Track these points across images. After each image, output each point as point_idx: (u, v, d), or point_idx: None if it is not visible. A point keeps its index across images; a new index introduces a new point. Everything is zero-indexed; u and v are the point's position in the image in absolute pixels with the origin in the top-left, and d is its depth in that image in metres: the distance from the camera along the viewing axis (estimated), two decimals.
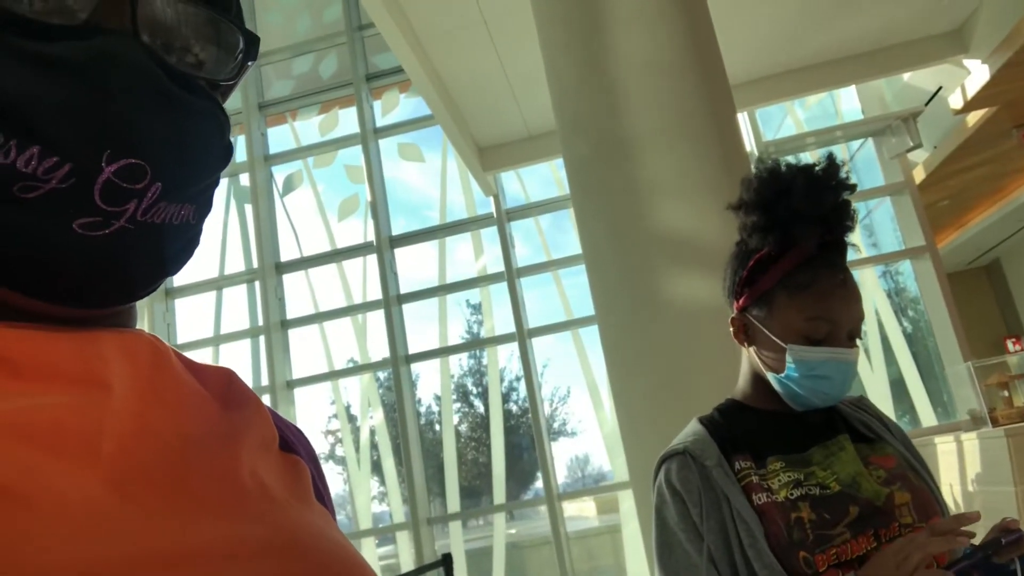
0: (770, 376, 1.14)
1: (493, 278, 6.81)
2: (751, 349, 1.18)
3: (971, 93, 5.33)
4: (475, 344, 7.08)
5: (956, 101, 5.56)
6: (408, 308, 6.83)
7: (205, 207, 0.45)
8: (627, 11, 2.88)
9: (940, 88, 6.13)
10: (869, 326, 6.43)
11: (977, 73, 5.27)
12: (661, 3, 2.91)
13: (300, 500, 0.46)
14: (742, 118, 6.44)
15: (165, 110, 0.40)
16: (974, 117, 5.88)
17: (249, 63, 0.48)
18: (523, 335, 6.52)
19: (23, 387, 0.36)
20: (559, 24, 3.08)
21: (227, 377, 0.49)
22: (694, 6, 3.01)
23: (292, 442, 0.52)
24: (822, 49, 5.72)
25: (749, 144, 6.44)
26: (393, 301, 6.67)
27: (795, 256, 1.12)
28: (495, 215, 6.73)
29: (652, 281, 2.66)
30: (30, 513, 0.32)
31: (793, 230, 1.11)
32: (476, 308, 7.25)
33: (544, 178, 7.12)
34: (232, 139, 0.47)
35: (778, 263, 1.14)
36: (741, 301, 1.19)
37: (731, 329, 1.21)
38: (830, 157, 1.12)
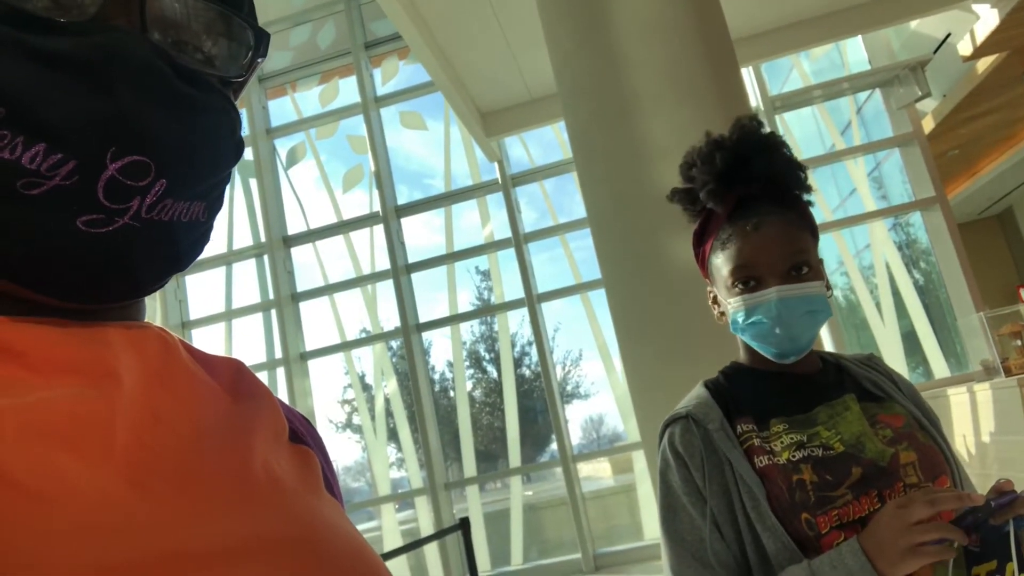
0: (739, 336, 1.17)
1: (500, 244, 6.81)
2: (726, 318, 1.20)
3: (980, 39, 5.22)
4: (485, 311, 7.10)
5: (965, 48, 5.46)
6: (417, 277, 6.84)
7: (216, 203, 0.45)
8: None
9: (948, 35, 6.01)
10: (879, 279, 6.40)
11: (986, 18, 5.16)
12: None
13: (311, 491, 0.46)
14: (747, 73, 6.35)
15: (172, 107, 0.39)
16: (984, 64, 5.77)
17: (259, 60, 0.47)
18: (532, 300, 6.53)
19: (36, 380, 0.36)
20: None
21: (236, 368, 0.49)
22: None
23: (301, 433, 0.53)
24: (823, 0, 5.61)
25: (755, 99, 6.36)
26: (402, 271, 6.69)
27: (718, 220, 1.17)
28: (500, 181, 6.70)
29: (657, 244, 2.65)
30: (46, 509, 0.32)
31: (700, 197, 1.17)
32: (485, 275, 7.26)
33: (548, 141, 7.07)
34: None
35: (707, 231, 1.20)
36: (704, 275, 1.24)
37: (709, 302, 1.25)
38: (738, 119, 1.16)
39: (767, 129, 1.16)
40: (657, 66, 2.77)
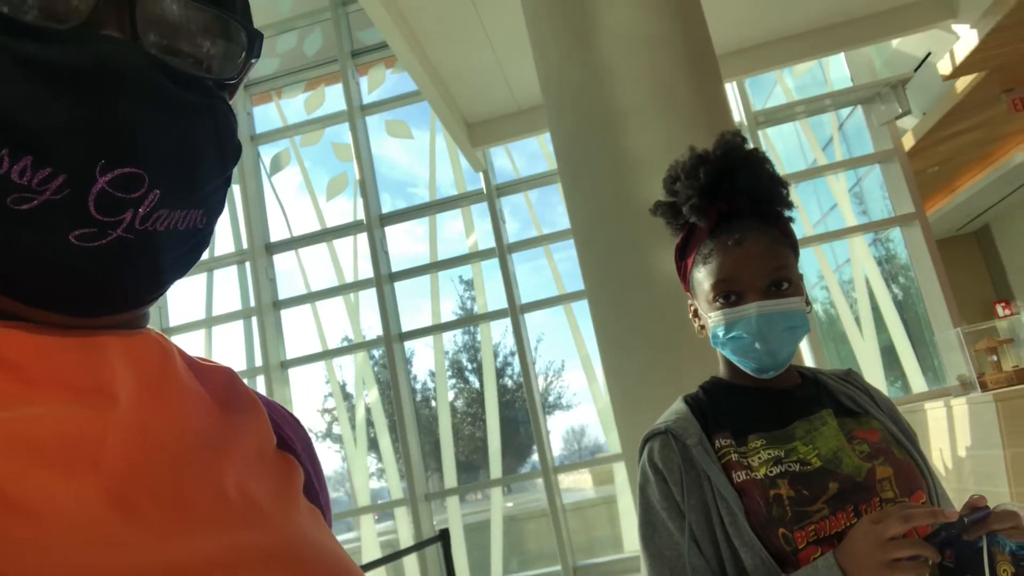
0: (719, 351, 1.18)
1: (484, 254, 6.80)
2: (706, 332, 1.21)
3: (960, 58, 5.30)
4: (468, 320, 7.09)
5: (945, 67, 5.54)
6: (400, 286, 6.82)
7: (216, 208, 0.45)
8: None
9: (929, 54, 6.10)
10: (859, 294, 6.46)
11: (966, 38, 5.24)
12: None
13: (290, 504, 0.46)
14: (731, 88, 6.40)
15: (165, 116, 0.39)
16: (963, 82, 5.86)
17: (253, 60, 0.47)
18: (515, 310, 6.52)
19: (28, 394, 0.36)
20: None
21: (228, 378, 0.49)
22: None
23: (289, 439, 0.52)
24: (811, 16, 5.68)
25: (739, 114, 6.41)
26: (385, 279, 6.66)
27: (700, 234, 1.18)
28: (485, 191, 6.70)
29: (640, 256, 2.66)
30: (28, 523, 0.32)
31: (683, 211, 1.18)
32: (468, 284, 7.25)
33: (533, 152, 7.09)
34: None
35: (689, 245, 1.22)
36: (686, 290, 1.25)
37: (690, 315, 1.26)
38: (722, 134, 1.18)
39: (751, 145, 1.18)
40: (642, 79, 2.79)
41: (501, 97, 5.93)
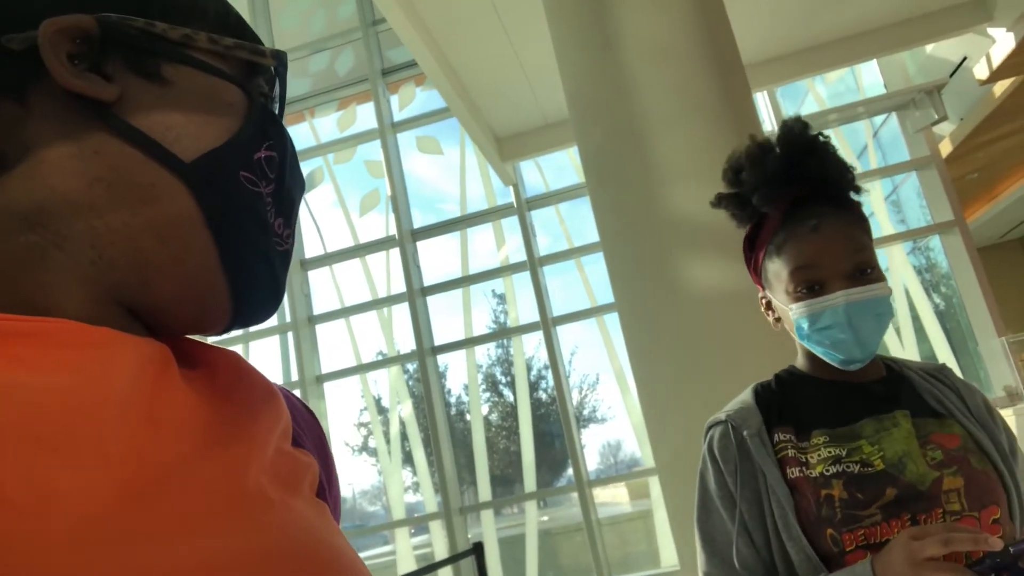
0: (803, 343, 1.13)
1: (515, 268, 6.82)
2: (782, 324, 1.17)
3: (997, 62, 5.21)
4: (501, 334, 7.10)
5: (982, 71, 5.44)
6: (433, 300, 6.86)
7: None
8: None
9: (965, 59, 5.99)
10: (899, 304, 6.34)
11: (1002, 41, 5.15)
12: None
13: (302, 498, 0.46)
14: (762, 97, 6.36)
15: None
16: (1001, 87, 5.75)
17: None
18: (547, 323, 6.52)
19: (34, 381, 0.36)
20: (568, 10, 3.06)
21: (235, 364, 0.49)
22: None
23: (298, 434, 0.53)
24: (840, 24, 5.62)
25: (770, 123, 6.36)
26: (417, 293, 6.71)
27: (771, 223, 1.14)
28: (515, 205, 6.73)
29: (669, 268, 2.65)
30: (34, 518, 0.32)
31: (753, 200, 1.13)
32: (501, 298, 7.27)
33: (562, 165, 7.10)
34: None
35: (760, 236, 1.16)
36: (756, 282, 1.21)
37: (762, 309, 1.21)
38: (784, 122, 1.13)
39: (814, 130, 1.13)
40: (669, 90, 2.79)
41: (529, 111, 5.96)
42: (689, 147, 2.72)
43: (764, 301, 1.19)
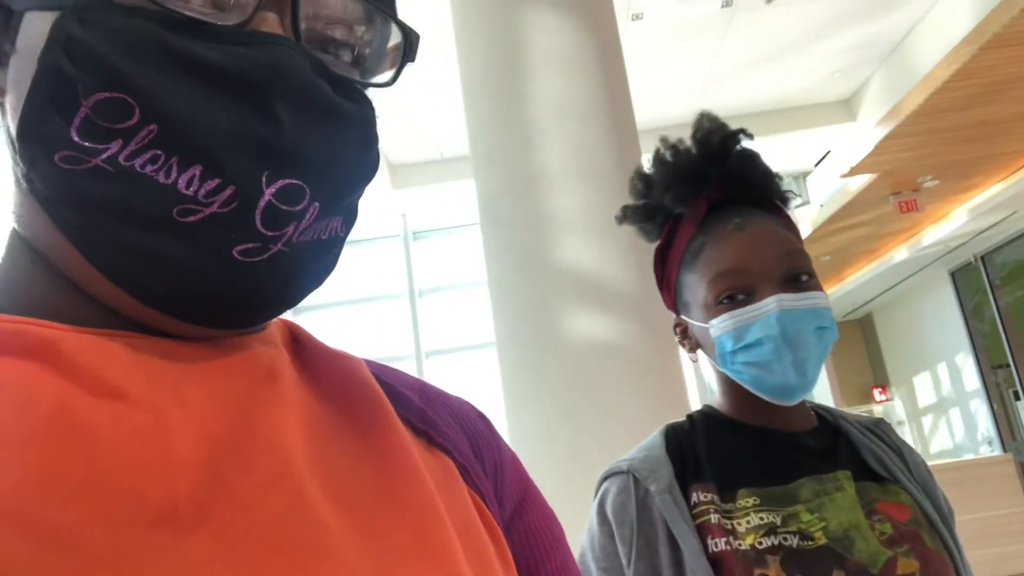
0: (725, 372, 0.93)
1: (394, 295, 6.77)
2: (698, 352, 0.98)
3: (856, 160, 5.73)
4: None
5: (842, 165, 5.97)
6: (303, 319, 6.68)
7: (352, 216, 0.42)
8: (546, 52, 2.97)
9: (828, 152, 6.56)
10: None
11: (862, 141, 5.68)
12: (579, 47, 3.02)
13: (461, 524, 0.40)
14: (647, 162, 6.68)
15: (325, 124, 0.37)
16: (857, 182, 6.32)
17: (409, 63, 0.43)
18: (420, 356, 6.49)
19: (96, 413, 0.32)
20: (481, 59, 3.14)
21: (356, 374, 0.44)
22: (610, 53, 3.14)
23: (435, 436, 0.45)
24: (727, 104, 6.04)
25: None
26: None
27: (685, 229, 0.96)
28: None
29: (552, 315, 2.72)
30: (53, 551, 0.28)
31: (665, 202, 0.97)
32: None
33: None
34: None
35: (673, 246, 0.98)
36: (670, 306, 1.02)
37: (677, 339, 1.02)
38: (698, 116, 0.98)
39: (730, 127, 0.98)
40: (567, 144, 2.90)
41: (426, 145, 6.00)
42: (581, 201, 2.83)
43: (679, 328, 0.99)
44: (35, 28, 0.34)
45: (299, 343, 0.44)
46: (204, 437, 0.34)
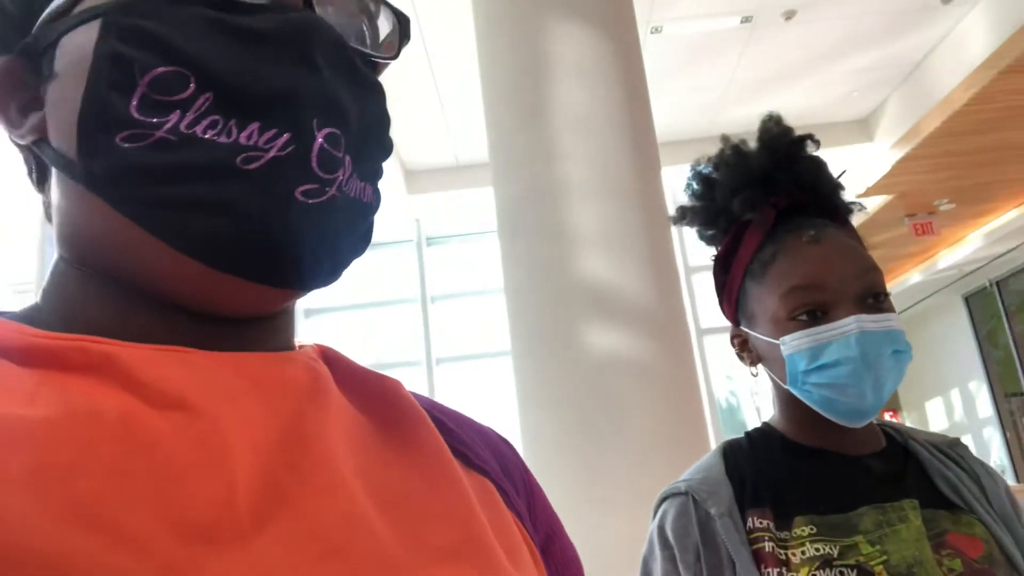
0: (792, 391, 0.88)
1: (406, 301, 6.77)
2: (759, 367, 0.94)
3: (872, 180, 5.72)
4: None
5: (858, 186, 5.96)
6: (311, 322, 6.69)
7: (377, 193, 0.43)
8: (567, 63, 2.99)
9: (844, 171, 6.54)
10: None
11: (879, 162, 5.67)
12: (601, 59, 3.03)
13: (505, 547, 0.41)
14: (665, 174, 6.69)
15: (353, 81, 0.40)
16: (872, 202, 6.31)
17: (406, 42, 0.46)
18: (431, 363, 6.49)
19: (152, 429, 0.33)
20: (503, 69, 3.15)
21: (395, 392, 0.45)
22: (631, 65, 3.14)
23: (473, 458, 0.46)
24: (741, 120, 6.02)
25: (671, 201, 6.68)
26: (301, 315, 6.54)
27: (753, 237, 0.91)
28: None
29: (570, 328, 2.72)
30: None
31: (733, 206, 0.92)
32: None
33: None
34: None
35: (738, 254, 0.93)
36: (730, 316, 0.98)
37: (735, 351, 0.97)
38: (764, 120, 0.96)
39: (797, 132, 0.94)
40: (588, 156, 2.90)
41: (443, 151, 6.02)
42: (601, 214, 2.83)
43: (738, 340, 0.95)
44: (78, 39, 0.37)
45: (335, 363, 0.45)
46: (258, 447, 0.35)
